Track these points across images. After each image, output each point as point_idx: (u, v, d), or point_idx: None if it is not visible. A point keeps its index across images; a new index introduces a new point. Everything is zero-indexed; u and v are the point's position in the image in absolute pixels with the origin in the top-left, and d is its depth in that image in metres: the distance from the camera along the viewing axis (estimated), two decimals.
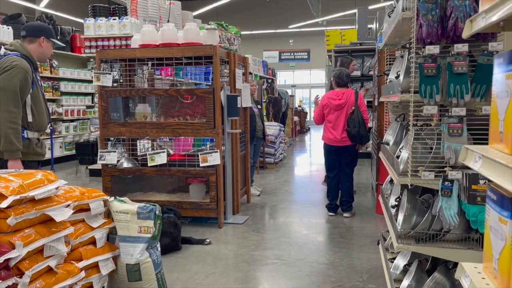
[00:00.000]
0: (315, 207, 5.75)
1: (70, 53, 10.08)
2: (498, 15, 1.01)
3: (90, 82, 10.01)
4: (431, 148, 2.36)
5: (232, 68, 5.18)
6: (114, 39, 7.94)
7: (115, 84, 5.20)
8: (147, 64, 5.58)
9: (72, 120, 10.20)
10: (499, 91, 1.07)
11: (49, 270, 2.21)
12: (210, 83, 6.86)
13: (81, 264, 2.40)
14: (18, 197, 2.04)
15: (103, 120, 4.93)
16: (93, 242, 2.56)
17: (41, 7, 15.48)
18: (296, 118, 15.85)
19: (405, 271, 2.82)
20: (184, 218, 4.74)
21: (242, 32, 8.27)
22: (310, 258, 3.88)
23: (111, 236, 2.75)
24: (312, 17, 18.99)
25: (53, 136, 3.57)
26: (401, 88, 2.59)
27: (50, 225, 2.25)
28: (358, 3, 15.10)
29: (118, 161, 5.04)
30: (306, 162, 10.43)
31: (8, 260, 1.96)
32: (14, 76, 3.03)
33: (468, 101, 2.20)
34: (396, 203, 2.84)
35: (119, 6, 8.72)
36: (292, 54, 22.62)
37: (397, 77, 2.99)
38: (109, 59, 5.03)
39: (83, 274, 2.39)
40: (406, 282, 2.60)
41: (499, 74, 1.08)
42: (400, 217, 2.58)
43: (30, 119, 3.21)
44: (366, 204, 5.86)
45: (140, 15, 7.53)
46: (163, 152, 4.79)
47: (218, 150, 4.63)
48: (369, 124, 5.31)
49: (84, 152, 9.49)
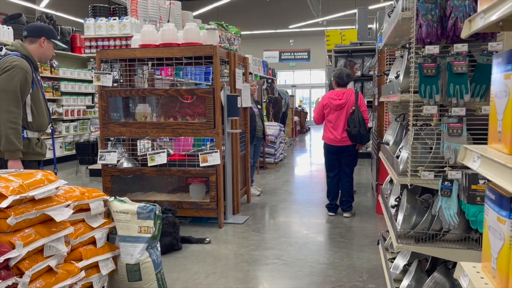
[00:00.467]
0: (315, 207, 5.75)
1: (70, 53, 10.08)
2: (496, 15, 1.01)
3: (90, 82, 10.01)
4: (431, 148, 2.37)
5: (232, 68, 5.18)
6: (114, 39, 7.94)
7: (115, 84, 5.20)
8: (147, 64, 5.59)
9: (72, 120, 10.20)
10: (497, 91, 1.07)
11: (49, 270, 2.21)
12: (210, 83, 6.86)
13: (81, 264, 2.40)
14: (18, 197, 2.04)
15: (103, 120, 4.93)
16: (93, 242, 2.56)
17: (41, 7, 15.48)
18: (296, 118, 15.85)
19: (405, 271, 2.82)
20: (184, 218, 4.75)
21: (242, 32, 8.27)
22: (310, 258, 3.89)
23: (111, 236, 2.75)
24: (312, 17, 18.99)
25: (54, 136, 3.57)
26: (401, 88, 2.60)
27: (50, 225, 2.25)
28: (358, 3, 15.10)
29: (118, 161, 5.04)
30: (306, 162, 10.43)
31: (8, 260, 1.96)
32: (14, 77, 3.04)
33: (467, 101, 2.20)
34: (396, 203, 2.84)
35: (119, 6, 8.73)
36: (292, 54, 22.62)
37: (397, 77, 2.99)
38: (109, 59, 5.04)
39: (83, 274, 2.39)
40: (406, 282, 2.60)
41: (497, 74, 1.08)
42: (400, 217, 2.58)
43: (30, 119, 3.21)
44: (366, 204, 5.86)
45: (140, 15, 7.54)
46: (163, 152, 4.80)
47: (218, 150, 4.63)
48: (369, 124, 5.31)
49: (84, 152, 9.50)
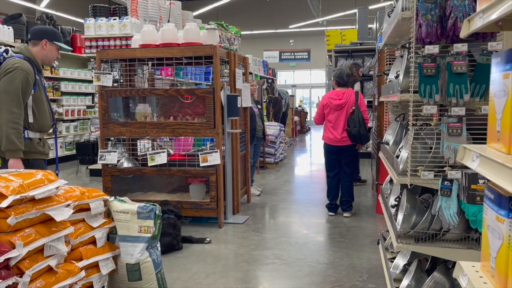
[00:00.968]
0: (315, 207, 5.75)
1: (70, 53, 10.08)
2: (495, 15, 1.01)
3: (91, 82, 10.02)
4: (431, 148, 2.37)
5: (232, 68, 5.19)
6: (115, 39, 7.94)
7: (115, 84, 5.20)
8: (147, 64, 5.59)
9: (72, 120, 10.21)
10: (496, 90, 1.07)
11: (49, 269, 2.21)
12: (210, 83, 6.86)
13: (81, 264, 2.40)
14: (18, 196, 2.05)
15: (103, 120, 4.93)
16: (93, 241, 2.56)
17: (41, 7, 15.49)
18: (296, 118, 15.86)
19: (404, 270, 2.82)
20: (184, 218, 4.75)
21: (242, 32, 8.27)
22: (310, 258, 3.89)
23: (111, 235, 2.76)
24: (312, 17, 18.99)
25: (57, 137, 3.59)
26: (400, 88, 2.60)
27: (50, 224, 2.25)
28: (358, 3, 15.11)
29: (118, 161, 5.04)
30: (306, 162, 10.43)
31: (8, 259, 1.96)
32: (16, 78, 3.08)
33: (467, 100, 2.21)
34: (396, 203, 2.85)
35: (120, 6, 8.73)
36: (292, 54, 22.62)
37: (396, 77, 2.99)
38: (109, 59, 5.04)
39: (83, 273, 2.40)
40: (405, 281, 2.60)
41: (496, 73, 1.08)
42: (400, 216, 2.58)
43: (31, 120, 3.24)
44: (366, 204, 5.87)
45: (140, 15, 7.54)
46: (163, 152, 4.80)
47: (218, 150, 4.64)
48: (369, 124, 5.31)
49: (85, 152, 9.50)
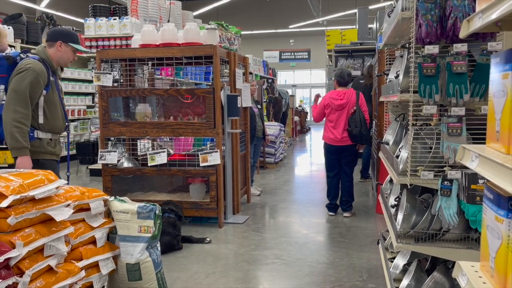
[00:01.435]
0: (315, 207, 5.75)
1: None
2: (494, 15, 1.01)
3: (91, 82, 10.01)
4: (431, 148, 2.37)
5: (232, 68, 5.19)
6: (115, 39, 7.95)
7: (116, 84, 5.20)
8: (147, 64, 5.59)
9: (72, 120, 10.20)
10: (495, 90, 1.07)
11: (49, 269, 2.21)
12: (210, 83, 6.86)
13: (81, 264, 2.40)
14: (18, 196, 2.05)
15: (103, 120, 4.93)
16: (93, 241, 2.56)
17: (41, 7, 15.50)
18: (296, 118, 15.86)
19: (404, 270, 2.83)
20: (184, 218, 4.74)
21: (242, 32, 8.28)
22: (310, 258, 3.89)
23: (111, 235, 2.76)
24: (312, 17, 19.00)
25: (69, 139, 3.59)
26: (400, 88, 2.60)
27: (50, 224, 2.25)
28: (358, 3, 15.11)
29: (119, 161, 5.04)
30: (306, 162, 10.43)
31: (8, 259, 1.96)
32: (25, 78, 3.08)
33: (467, 100, 2.21)
34: (396, 203, 2.85)
35: (120, 6, 8.73)
36: (292, 54, 22.61)
37: (396, 77, 2.99)
38: (109, 59, 5.04)
39: (83, 273, 2.40)
40: (405, 281, 2.61)
41: (495, 73, 1.09)
42: (400, 216, 2.58)
43: (42, 120, 3.23)
44: (366, 204, 5.87)
45: (140, 15, 7.54)
46: (163, 152, 4.80)
47: (218, 150, 4.64)
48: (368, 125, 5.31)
49: (85, 152, 9.51)
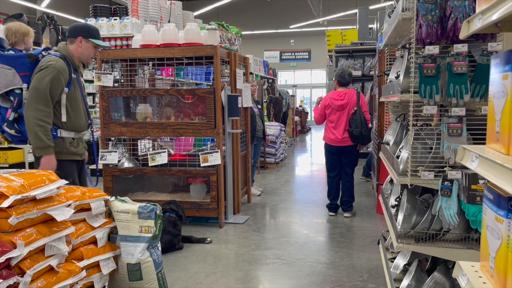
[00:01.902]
0: (315, 207, 5.75)
1: None
2: (494, 16, 1.01)
3: (91, 82, 10.01)
4: (431, 148, 2.37)
5: (232, 68, 5.19)
6: (115, 39, 7.94)
7: (116, 84, 5.21)
8: (148, 64, 5.60)
9: None
10: (495, 91, 1.08)
11: (50, 269, 2.22)
12: (211, 83, 6.87)
13: (82, 264, 2.41)
14: (19, 196, 2.05)
15: (104, 120, 4.94)
16: (94, 241, 2.57)
17: (42, 7, 15.51)
18: (297, 118, 15.86)
19: (405, 270, 2.83)
20: (185, 218, 4.75)
21: (243, 32, 8.27)
22: (310, 258, 3.89)
23: (112, 235, 2.76)
24: (313, 17, 19.00)
25: (94, 137, 3.58)
26: (401, 88, 2.60)
27: (51, 224, 2.26)
28: (359, 3, 15.11)
29: (119, 161, 5.05)
30: (307, 162, 10.43)
31: (9, 259, 1.97)
32: (46, 76, 3.05)
33: (467, 101, 2.21)
34: (396, 203, 2.85)
35: (120, 6, 8.72)
36: (293, 54, 22.62)
37: (397, 77, 2.99)
38: (110, 59, 5.05)
39: (84, 273, 2.40)
40: (406, 281, 2.61)
41: (495, 74, 1.09)
42: (400, 217, 2.58)
43: (64, 119, 3.21)
44: (367, 204, 5.87)
45: (141, 15, 7.54)
46: (164, 152, 4.81)
47: (219, 150, 4.64)
48: (369, 124, 5.31)
49: None
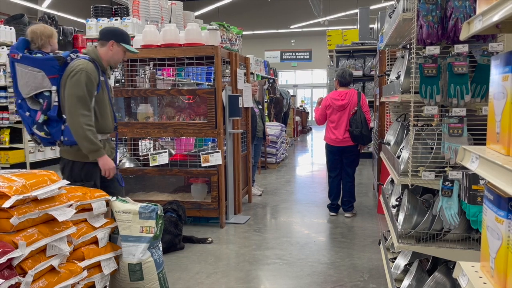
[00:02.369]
0: (316, 207, 5.75)
1: None
2: (495, 18, 1.01)
3: None
4: (432, 148, 2.37)
5: (233, 68, 5.20)
6: None
7: (117, 85, 5.22)
8: (149, 65, 5.60)
9: None
10: (495, 92, 1.08)
11: (51, 269, 2.23)
12: (212, 83, 6.87)
13: (83, 264, 2.41)
14: (21, 197, 2.06)
15: None
16: (95, 241, 2.57)
17: (43, 8, 15.53)
18: (297, 118, 15.86)
19: (406, 270, 2.83)
20: (186, 218, 4.75)
21: (244, 32, 8.27)
22: (311, 258, 3.90)
23: (113, 236, 2.77)
24: (313, 17, 18.99)
25: (118, 139, 3.61)
26: (401, 89, 2.60)
27: (52, 224, 2.26)
28: (360, 3, 15.11)
29: (120, 161, 5.05)
30: (307, 162, 10.43)
31: (11, 259, 1.97)
32: (80, 81, 3.08)
33: (468, 101, 2.21)
34: (397, 203, 2.85)
35: (121, 6, 8.73)
36: (293, 54, 22.64)
37: (397, 77, 3.00)
38: None
39: (85, 273, 2.41)
40: (406, 281, 2.61)
41: (496, 75, 1.09)
42: (401, 217, 2.59)
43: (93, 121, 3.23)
44: (368, 204, 5.87)
45: (142, 16, 7.54)
46: (165, 152, 4.81)
47: (220, 150, 4.65)
48: (371, 124, 5.32)
49: None
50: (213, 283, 3.38)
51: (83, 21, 8.63)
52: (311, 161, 10.65)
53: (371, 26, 10.94)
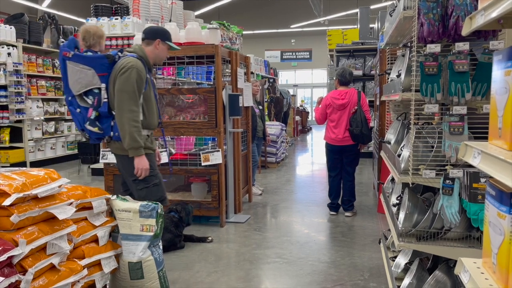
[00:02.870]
0: (316, 206, 5.75)
1: None
2: (497, 12, 1.01)
3: None
4: (432, 147, 2.37)
5: (234, 68, 5.19)
6: (116, 38, 7.94)
7: None
8: None
9: None
10: (498, 87, 1.08)
11: (52, 267, 2.22)
12: (212, 83, 6.87)
13: (83, 262, 2.41)
14: (21, 195, 2.06)
15: None
16: (95, 240, 2.57)
17: (43, 7, 15.52)
18: (297, 118, 15.86)
19: (406, 269, 2.83)
20: (188, 220, 4.72)
21: (244, 32, 8.27)
22: (311, 257, 3.89)
23: (114, 234, 2.76)
24: (314, 16, 19.00)
25: (164, 136, 3.66)
26: (402, 87, 2.60)
27: (53, 223, 2.26)
28: (360, 3, 15.11)
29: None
30: (307, 162, 10.43)
31: (11, 257, 1.97)
32: (131, 77, 3.15)
33: (469, 99, 2.21)
34: (398, 202, 2.85)
35: (121, 5, 8.73)
36: (294, 53, 22.63)
37: (398, 76, 3.00)
38: None
39: (85, 272, 2.41)
40: (407, 280, 2.61)
41: (498, 70, 1.09)
42: (401, 215, 2.58)
43: (141, 117, 3.29)
44: (368, 203, 5.87)
45: (142, 15, 7.54)
46: (165, 151, 4.80)
47: (220, 149, 4.64)
48: (371, 124, 5.31)
49: (86, 152, 9.49)
50: (213, 282, 3.38)
51: (83, 20, 8.62)
52: (311, 160, 10.65)
53: (371, 25, 10.94)
